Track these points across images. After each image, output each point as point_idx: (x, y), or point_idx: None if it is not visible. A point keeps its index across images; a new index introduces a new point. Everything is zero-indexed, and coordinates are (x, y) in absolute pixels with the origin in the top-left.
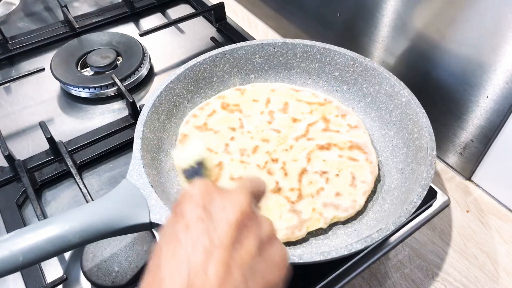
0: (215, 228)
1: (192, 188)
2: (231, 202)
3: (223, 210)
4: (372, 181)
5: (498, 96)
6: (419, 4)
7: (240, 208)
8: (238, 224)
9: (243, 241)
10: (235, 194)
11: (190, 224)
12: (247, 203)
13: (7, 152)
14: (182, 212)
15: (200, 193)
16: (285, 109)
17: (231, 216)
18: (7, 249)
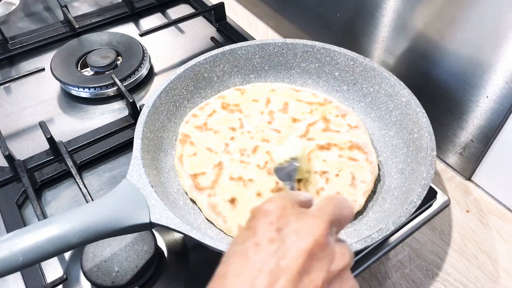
0: (285, 253)
1: (269, 204)
2: (307, 229)
3: (296, 236)
4: (372, 181)
5: (498, 96)
6: (419, 4)
7: (314, 237)
8: (310, 253)
9: (312, 272)
10: (312, 220)
11: (261, 244)
12: (324, 232)
13: (7, 152)
14: (255, 228)
15: (276, 211)
16: (285, 109)
17: (303, 244)
18: (7, 249)
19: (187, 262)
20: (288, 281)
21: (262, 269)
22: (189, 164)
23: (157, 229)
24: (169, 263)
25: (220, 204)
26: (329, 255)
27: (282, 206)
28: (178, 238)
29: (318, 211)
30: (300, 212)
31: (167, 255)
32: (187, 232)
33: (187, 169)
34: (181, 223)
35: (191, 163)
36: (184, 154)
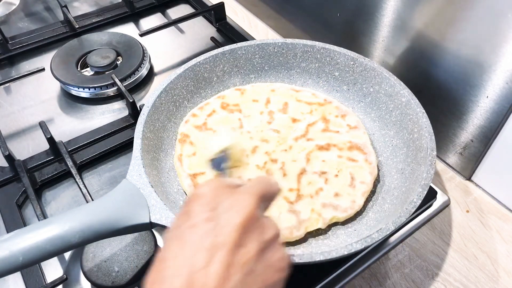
0: (220, 229)
1: (203, 187)
2: (238, 205)
3: (229, 212)
4: (371, 181)
5: (498, 96)
6: (419, 4)
7: (246, 211)
8: (243, 227)
9: (246, 244)
10: (243, 196)
11: (196, 224)
12: (254, 207)
13: (7, 152)
14: (190, 211)
15: (209, 193)
16: (284, 109)
17: (236, 219)
18: (7, 249)
19: None
20: (225, 255)
21: (199, 247)
22: (188, 164)
23: (157, 229)
24: None
25: None
26: (260, 227)
27: (214, 188)
28: None
29: (247, 189)
30: (231, 191)
31: None
32: None
33: (186, 169)
34: None
35: (191, 163)
36: (184, 154)
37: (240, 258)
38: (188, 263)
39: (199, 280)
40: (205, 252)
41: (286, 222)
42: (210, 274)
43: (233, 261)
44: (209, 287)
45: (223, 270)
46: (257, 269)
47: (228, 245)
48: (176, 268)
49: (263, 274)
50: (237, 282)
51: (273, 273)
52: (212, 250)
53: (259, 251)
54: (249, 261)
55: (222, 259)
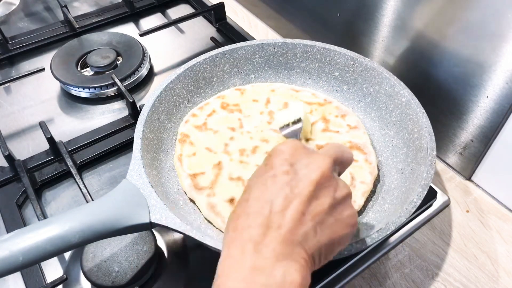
0: (298, 182)
1: (283, 145)
2: (315, 163)
3: (307, 169)
4: (371, 181)
5: (498, 96)
6: (419, 4)
7: (321, 169)
8: (318, 183)
9: (320, 197)
10: (319, 157)
11: (277, 175)
12: (329, 167)
13: (7, 152)
14: (271, 164)
15: (289, 151)
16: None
17: (313, 175)
18: (7, 249)
19: (187, 262)
20: (300, 203)
21: (278, 194)
22: (188, 164)
23: (157, 229)
24: (169, 263)
25: (219, 204)
26: (334, 185)
27: (294, 147)
28: (178, 238)
29: (324, 151)
30: (309, 151)
31: (167, 255)
32: (187, 232)
33: (186, 169)
34: (181, 223)
35: (190, 163)
36: (184, 154)
37: (313, 208)
38: (268, 205)
39: (277, 220)
40: (283, 199)
41: None
42: (286, 218)
43: (307, 210)
44: (283, 228)
45: (297, 216)
46: (328, 221)
47: (303, 195)
48: (259, 207)
49: (333, 226)
50: (308, 228)
51: (342, 227)
52: (290, 198)
53: (330, 206)
54: (321, 212)
55: (298, 207)
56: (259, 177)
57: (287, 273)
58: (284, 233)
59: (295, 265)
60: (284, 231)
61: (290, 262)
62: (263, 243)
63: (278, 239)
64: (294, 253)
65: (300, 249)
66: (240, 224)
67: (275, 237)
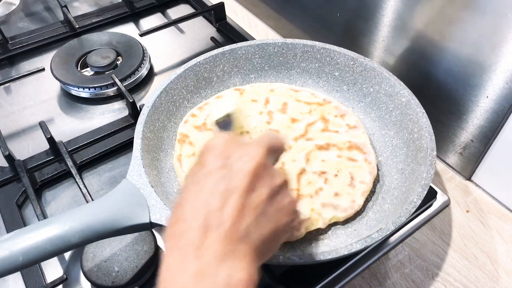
0: (233, 176)
1: (214, 140)
2: (248, 154)
3: (240, 161)
4: (371, 181)
5: (498, 96)
6: (419, 4)
7: (256, 160)
8: (254, 174)
9: (257, 188)
10: (252, 147)
11: (211, 171)
12: (263, 156)
13: (7, 152)
14: (204, 161)
15: (221, 145)
16: (284, 109)
17: (247, 166)
18: (7, 249)
19: None
20: (238, 198)
21: (214, 191)
22: (188, 164)
23: (157, 229)
24: None
25: None
26: (270, 174)
27: (226, 140)
28: None
29: (256, 141)
30: (241, 143)
31: None
32: None
33: (186, 169)
34: None
35: (190, 163)
36: (183, 154)
37: (252, 201)
38: (204, 205)
39: (215, 220)
40: (220, 196)
41: None
42: (225, 215)
43: (245, 204)
44: (224, 226)
45: (237, 211)
46: (268, 211)
47: (240, 189)
48: (194, 210)
49: (274, 216)
50: (250, 222)
51: (283, 216)
52: (226, 194)
53: (269, 195)
54: (261, 203)
55: (236, 202)
56: (193, 176)
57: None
58: (224, 231)
59: (240, 264)
60: (225, 229)
61: (234, 262)
62: (203, 246)
63: (219, 239)
64: (237, 251)
65: (244, 245)
66: (178, 229)
67: (215, 238)
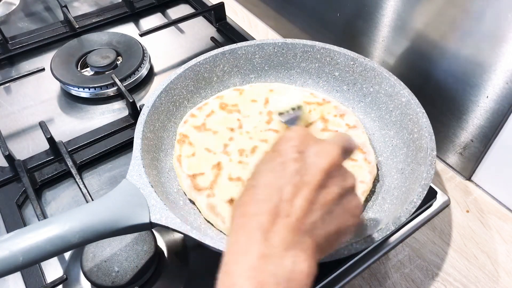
0: (307, 170)
1: (291, 132)
2: (324, 152)
3: (316, 157)
4: (371, 180)
5: (498, 96)
6: (419, 4)
7: (331, 158)
8: (327, 171)
9: (328, 186)
10: (328, 145)
11: (286, 162)
12: (338, 155)
13: (7, 152)
14: (280, 150)
15: (298, 138)
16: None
17: (322, 163)
18: (7, 249)
19: (187, 262)
20: (309, 192)
21: (288, 181)
22: (188, 164)
23: (157, 229)
24: (169, 263)
25: (219, 204)
26: (342, 175)
27: (302, 134)
28: (178, 238)
29: (332, 139)
30: (317, 139)
31: (167, 255)
32: (187, 232)
33: (186, 170)
34: (181, 223)
35: (190, 163)
36: (183, 155)
37: (322, 197)
38: (277, 193)
39: (285, 209)
40: (292, 187)
41: None
42: (295, 206)
43: (315, 199)
44: (292, 217)
45: (306, 204)
46: (335, 210)
47: (312, 184)
48: (267, 194)
49: (340, 216)
50: (316, 217)
51: (348, 217)
52: (299, 186)
53: (339, 195)
54: (330, 201)
55: (307, 195)
56: (267, 163)
57: (296, 262)
58: (293, 221)
59: (303, 255)
60: (293, 220)
61: (298, 252)
62: (272, 231)
63: (287, 227)
64: (302, 243)
65: (308, 238)
66: (249, 210)
67: (284, 226)
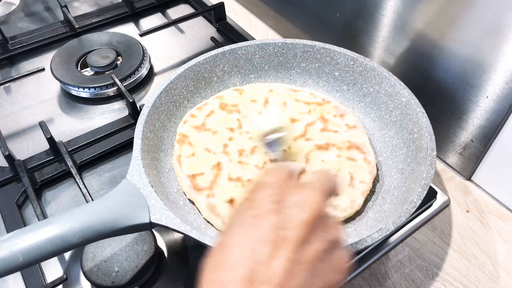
0: (286, 224)
1: (268, 177)
2: (306, 201)
3: (296, 208)
4: (371, 181)
5: (498, 96)
6: (419, 4)
7: (314, 208)
8: (310, 224)
9: (312, 241)
10: (310, 191)
11: (261, 215)
12: (321, 204)
13: (7, 152)
14: (255, 200)
15: (275, 184)
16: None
17: (304, 215)
18: (7, 249)
19: (187, 262)
20: (289, 251)
21: (264, 239)
22: (187, 164)
23: (157, 229)
24: (169, 263)
25: (219, 205)
26: (326, 226)
27: (280, 179)
28: (178, 238)
29: (314, 184)
30: (298, 184)
31: (167, 255)
32: (187, 232)
33: (185, 170)
34: (181, 223)
35: (189, 163)
36: (182, 155)
37: (305, 255)
38: (251, 254)
39: (262, 273)
40: (269, 245)
41: None
42: (274, 269)
43: (298, 258)
44: (272, 283)
45: (287, 266)
46: (320, 268)
47: (294, 240)
48: (239, 257)
49: (326, 274)
50: (301, 280)
51: (335, 274)
52: (277, 244)
53: (324, 251)
54: (313, 259)
55: (287, 255)
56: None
57: None
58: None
59: None
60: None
61: None
62: None
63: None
64: None
65: None
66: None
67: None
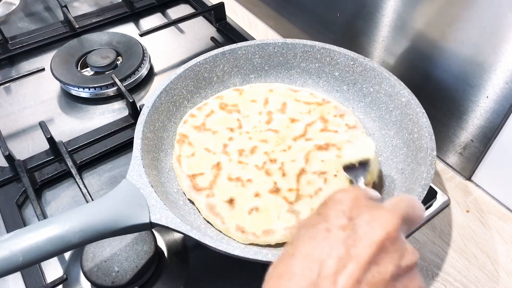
0: (356, 242)
1: (342, 193)
2: (379, 221)
3: (368, 226)
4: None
5: (498, 96)
6: (419, 4)
7: (387, 230)
8: (380, 245)
9: (381, 264)
10: (386, 212)
11: (332, 230)
12: (395, 226)
13: (7, 152)
14: (326, 214)
15: (349, 201)
16: (283, 109)
17: (375, 235)
18: (7, 249)
19: (187, 262)
20: (356, 269)
21: (331, 254)
22: (187, 164)
23: (157, 229)
24: (169, 263)
25: (219, 205)
26: (400, 250)
27: (354, 197)
28: (178, 238)
29: (391, 206)
30: (372, 204)
31: (167, 255)
32: (187, 232)
33: (185, 170)
34: (181, 223)
35: (189, 163)
36: (182, 155)
37: (372, 276)
38: (317, 266)
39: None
40: (337, 260)
41: (286, 223)
42: (337, 285)
43: (363, 278)
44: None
45: (351, 284)
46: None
47: (361, 259)
48: (305, 267)
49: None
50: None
51: None
52: (344, 260)
53: (393, 275)
54: (381, 282)
55: (352, 273)
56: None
57: None
58: None
59: None
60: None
61: None
62: None
63: None
64: None
65: None
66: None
67: None
